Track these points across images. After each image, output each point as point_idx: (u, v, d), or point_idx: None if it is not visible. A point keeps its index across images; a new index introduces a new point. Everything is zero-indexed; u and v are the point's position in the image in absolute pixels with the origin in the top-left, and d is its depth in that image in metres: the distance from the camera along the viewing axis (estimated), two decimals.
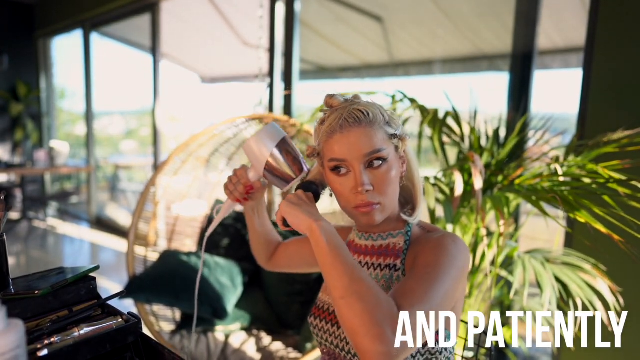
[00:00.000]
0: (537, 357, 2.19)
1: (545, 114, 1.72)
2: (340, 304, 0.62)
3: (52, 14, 5.25)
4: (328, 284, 0.66)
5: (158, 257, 1.98)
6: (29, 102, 5.50)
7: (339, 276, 0.64)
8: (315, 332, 0.86)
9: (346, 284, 0.63)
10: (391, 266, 0.79)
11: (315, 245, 0.69)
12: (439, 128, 1.46)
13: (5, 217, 0.74)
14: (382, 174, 0.74)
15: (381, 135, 0.75)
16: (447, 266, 0.69)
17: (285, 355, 1.75)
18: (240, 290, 1.95)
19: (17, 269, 3.52)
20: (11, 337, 0.51)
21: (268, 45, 2.81)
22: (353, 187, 0.74)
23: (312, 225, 0.70)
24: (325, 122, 0.77)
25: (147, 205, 1.97)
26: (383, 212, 0.76)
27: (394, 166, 0.76)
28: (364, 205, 0.75)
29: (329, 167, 0.77)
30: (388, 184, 0.75)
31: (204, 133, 2.04)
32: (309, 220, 0.71)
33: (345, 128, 0.74)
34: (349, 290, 0.62)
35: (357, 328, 0.59)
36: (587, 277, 1.28)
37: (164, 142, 4.27)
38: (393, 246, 0.81)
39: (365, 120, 0.74)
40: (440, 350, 0.75)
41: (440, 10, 2.61)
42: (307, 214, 0.72)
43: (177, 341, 1.79)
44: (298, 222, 0.73)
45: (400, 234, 0.81)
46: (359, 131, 0.73)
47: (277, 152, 0.83)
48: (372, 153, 0.73)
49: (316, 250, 0.69)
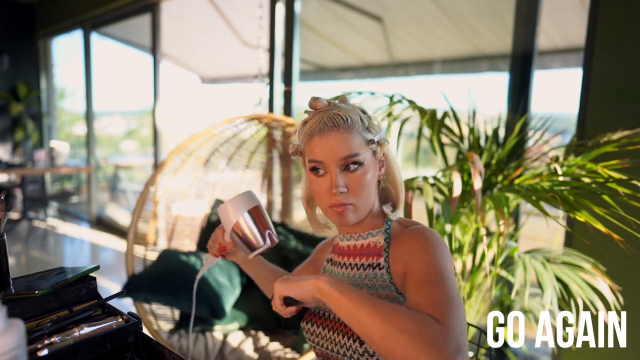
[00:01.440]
0: (537, 357, 2.19)
1: (545, 114, 1.73)
2: (386, 344, 0.61)
3: (52, 14, 5.25)
4: (362, 333, 0.64)
5: (157, 256, 1.98)
6: (29, 102, 5.50)
7: (370, 320, 0.63)
8: (308, 336, 0.88)
9: (380, 325, 0.61)
10: (374, 265, 0.82)
11: (331, 302, 0.67)
12: (437, 128, 1.46)
13: (5, 217, 0.74)
14: (357, 177, 0.78)
15: (358, 140, 0.78)
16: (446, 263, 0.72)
17: (283, 355, 1.75)
18: (239, 290, 1.95)
19: (17, 269, 3.52)
20: (11, 337, 0.51)
21: (268, 45, 2.81)
22: (328, 188, 0.78)
23: (318, 284, 0.69)
24: (307, 124, 0.80)
25: (146, 204, 1.97)
26: (356, 213, 0.80)
27: (370, 170, 0.80)
28: (337, 205, 0.78)
29: (308, 167, 0.81)
30: (362, 187, 0.78)
31: (203, 133, 2.04)
32: (310, 284, 0.70)
33: (325, 132, 0.77)
34: (388, 329, 0.61)
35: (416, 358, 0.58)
36: (587, 276, 1.29)
37: (164, 142, 4.27)
38: (374, 245, 0.83)
39: (344, 125, 0.77)
40: None
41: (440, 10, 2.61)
42: (305, 280, 0.71)
43: (175, 340, 1.79)
44: (303, 291, 0.71)
45: (380, 232, 0.84)
46: (337, 136, 0.77)
47: (247, 218, 0.86)
48: (347, 157, 0.77)
49: (334, 306, 0.67)
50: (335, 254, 0.90)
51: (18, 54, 5.49)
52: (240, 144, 2.35)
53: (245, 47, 4.64)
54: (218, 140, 2.22)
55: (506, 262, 1.50)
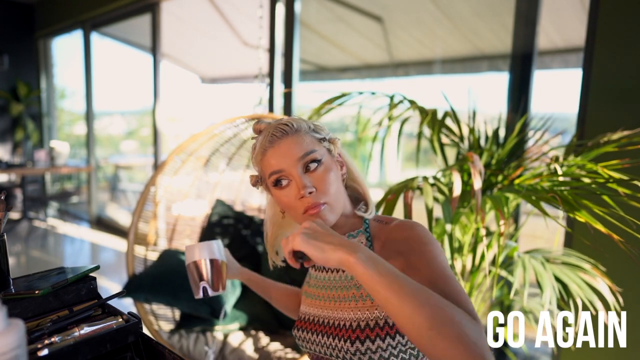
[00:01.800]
0: (537, 357, 2.19)
1: (545, 114, 1.73)
2: (432, 335, 0.55)
3: (52, 14, 5.25)
4: (403, 319, 0.57)
5: (158, 256, 1.98)
6: (29, 102, 5.51)
7: (415, 308, 0.56)
8: (300, 342, 0.88)
9: (428, 314, 0.56)
10: None
11: (365, 282, 0.59)
12: (437, 128, 1.46)
13: (5, 217, 0.74)
14: (320, 174, 0.77)
15: (309, 139, 0.79)
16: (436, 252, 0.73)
17: (283, 355, 1.75)
18: (239, 291, 1.95)
19: (17, 269, 3.52)
20: (11, 337, 0.51)
21: (268, 45, 2.81)
22: (297, 193, 0.77)
23: (349, 259, 0.60)
24: (257, 145, 0.81)
25: (147, 204, 1.97)
26: (332, 212, 0.77)
27: (332, 168, 0.80)
28: (311, 207, 0.76)
29: (271, 184, 0.80)
30: (329, 184, 0.77)
31: (204, 133, 2.04)
32: (338, 254, 0.61)
33: (275, 142, 0.78)
34: (437, 320, 0.56)
35: (460, 351, 0.54)
36: (587, 276, 1.29)
37: (164, 142, 4.27)
38: None
39: (291, 130, 0.79)
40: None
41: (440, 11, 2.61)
42: (334, 246, 0.62)
43: (175, 340, 1.79)
44: (324, 257, 0.62)
45: (360, 232, 0.83)
46: (288, 140, 0.78)
47: (203, 264, 0.94)
48: (304, 156, 0.77)
49: (369, 287, 0.59)
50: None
51: (18, 54, 5.49)
52: (241, 144, 2.35)
53: (245, 47, 4.64)
54: (218, 140, 2.22)
55: (506, 262, 1.50)
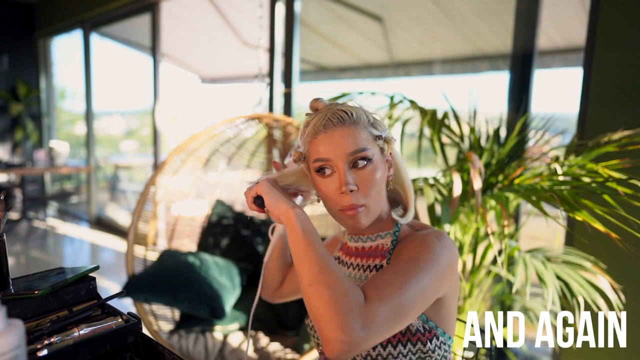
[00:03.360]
0: (537, 357, 2.19)
1: (546, 114, 1.73)
2: (309, 291, 0.64)
3: (52, 14, 5.25)
4: (298, 271, 0.67)
5: (157, 256, 1.98)
6: (29, 102, 5.50)
7: (310, 264, 0.66)
8: (312, 332, 0.87)
9: (315, 272, 0.65)
10: (378, 266, 0.80)
11: (290, 232, 0.70)
12: (437, 128, 1.46)
13: (5, 217, 0.74)
14: (367, 174, 0.74)
15: (365, 135, 0.75)
16: (428, 263, 0.69)
17: (283, 355, 1.75)
18: (239, 291, 1.95)
19: (17, 269, 3.52)
20: (11, 337, 0.51)
21: (268, 45, 2.81)
22: (337, 188, 0.74)
23: (289, 211, 0.71)
24: (310, 124, 0.77)
25: (147, 205, 1.97)
26: (368, 215, 0.76)
27: (379, 168, 0.76)
28: (349, 208, 0.74)
29: (314, 169, 0.77)
30: (372, 185, 0.74)
31: (203, 133, 2.04)
32: (286, 206, 0.72)
33: (329, 128, 0.74)
34: (318, 279, 0.64)
35: (322, 316, 0.61)
36: (588, 275, 1.28)
37: (164, 142, 4.27)
38: (381, 247, 0.82)
39: (349, 120, 0.74)
40: (433, 348, 0.75)
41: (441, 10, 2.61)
42: (286, 200, 0.73)
43: (175, 341, 1.79)
44: (276, 206, 0.73)
45: (389, 235, 0.82)
46: (343, 130, 0.73)
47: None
48: (356, 152, 0.73)
49: (290, 237, 0.70)
50: (343, 253, 0.89)
51: (18, 54, 5.49)
52: (241, 144, 2.34)
53: (245, 47, 4.64)
54: (218, 140, 2.22)
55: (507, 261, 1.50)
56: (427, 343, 0.75)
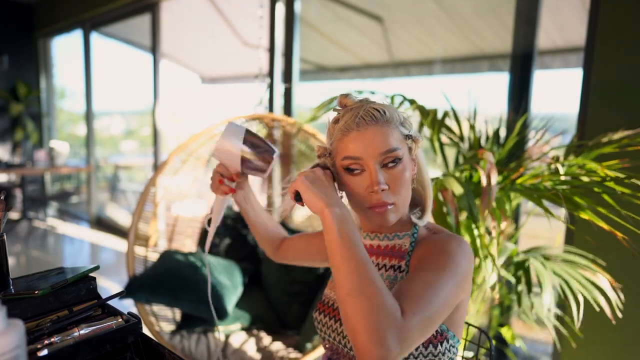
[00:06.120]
0: (537, 357, 2.19)
1: (546, 114, 1.72)
2: (346, 300, 0.61)
3: (52, 14, 5.25)
4: (335, 278, 0.64)
5: (158, 257, 1.98)
6: (29, 102, 5.50)
7: (349, 272, 0.62)
8: (319, 327, 0.87)
9: (355, 281, 0.61)
10: (396, 267, 0.80)
11: (326, 233, 0.67)
12: (437, 128, 1.46)
13: (5, 217, 0.74)
14: (397, 174, 0.74)
15: (397, 134, 0.75)
16: (451, 272, 0.69)
17: (286, 355, 1.75)
18: (240, 290, 1.95)
19: (17, 269, 3.52)
20: (11, 337, 0.51)
21: (268, 45, 2.81)
22: (368, 186, 0.74)
23: (325, 210, 0.67)
24: (341, 121, 0.76)
25: (147, 205, 1.97)
26: (396, 213, 0.76)
27: (408, 167, 0.76)
28: (379, 206, 0.74)
29: (342, 166, 0.76)
30: (402, 185, 0.75)
31: (203, 133, 2.04)
32: (321, 203, 0.68)
33: (362, 126, 0.73)
34: (357, 288, 0.61)
35: (360, 329, 0.58)
36: (588, 273, 1.28)
37: (164, 142, 4.27)
38: (399, 247, 0.81)
39: (382, 119, 0.74)
40: (443, 351, 0.75)
41: (441, 10, 2.61)
42: (322, 195, 0.69)
43: (177, 341, 1.79)
44: (311, 202, 0.70)
45: (407, 235, 0.81)
46: (376, 129, 0.73)
47: (246, 146, 0.89)
48: (387, 152, 0.73)
49: (327, 239, 0.66)
50: None
51: (18, 54, 5.49)
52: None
53: (245, 47, 4.64)
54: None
55: (506, 261, 1.50)
56: (438, 346, 0.75)
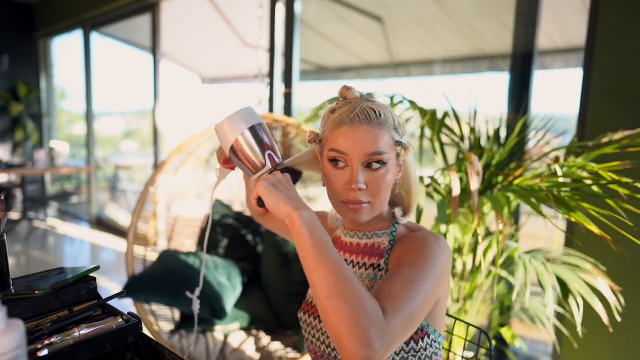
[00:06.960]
0: (537, 357, 2.19)
1: (546, 114, 1.72)
2: (325, 304, 0.60)
3: (52, 14, 5.25)
4: (311, 282, 0.63)
5: (157, 256, 1.98)
6: (29, 102, 5.50)
7: (324, 275, 0.61)
8: (304, 327, 0.87)
9: (331, 284, 0.61)
10: (375, 265, 0.81)
11: (296, 237, 0.65)
12: (437, 128, 1.46)
13: (5, 217, 0.74)
14: (379, 176, 0.75)
15: (387, 138, 0.75)
16: (430, 269, 0.69)
17: (284, 354, 1.75)
18: (239, 290, 1.95)
19: (17, 269, 3.52)
20: (11, 337, 0.51)
21: (268, 45, 2.81)
22: (347, 182, 0.74)
23: (292, 214, 0.66)
24: (336, 112, 0.76)
25: (146, 204, 1.97)
26: (370, 212, 0.77)
27: (391, 171, 0.76)
28: (352, 202, 0.75)
29: (327, 157, 0.77)
30: (381, 187, 0.75)
31: (203, 133, 2.04)
32: (287, 207, 0.67)
33: (355, 123, 0.73)
34: (335, 291, 0.60)
35: (343, 331, 0.58)
36: (587, 276, 1.29)
37: (164, 142, 4.27)
38: (378, 245, 0.82)
39: (376, 120, 0.74)
40: (424, 347, 0.76)
41: (441, 10, 2.61)
42: (287, 200, 0.68)
43: (175, 341, 1.79)
44: (277, 208, 0.68)
45: (385, 234, 0.82)
46: (367, 129, 0.73)
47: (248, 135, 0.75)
48: (373, 154, 0.73)
49: (297, 243, 0.65)
50: (338, 248, 0.89)
51: (18, 54, 5.49)
52: None
53: (245, 47, 4.64)
54: (218, 140, 2.21)
55: (506, 262, 1.50)
56: (419, 341, 0.76)
